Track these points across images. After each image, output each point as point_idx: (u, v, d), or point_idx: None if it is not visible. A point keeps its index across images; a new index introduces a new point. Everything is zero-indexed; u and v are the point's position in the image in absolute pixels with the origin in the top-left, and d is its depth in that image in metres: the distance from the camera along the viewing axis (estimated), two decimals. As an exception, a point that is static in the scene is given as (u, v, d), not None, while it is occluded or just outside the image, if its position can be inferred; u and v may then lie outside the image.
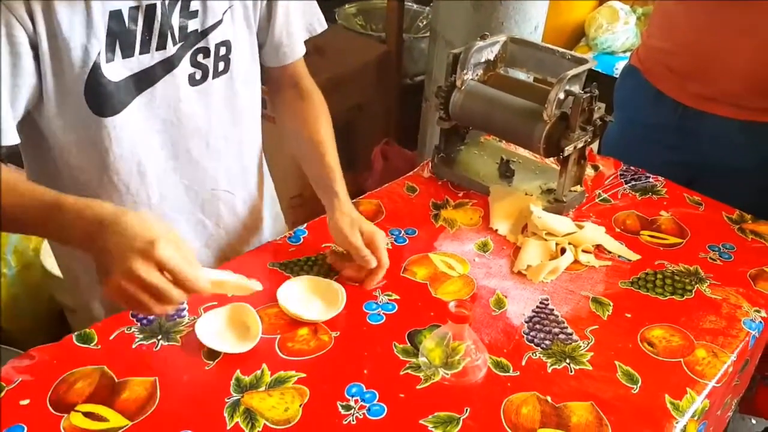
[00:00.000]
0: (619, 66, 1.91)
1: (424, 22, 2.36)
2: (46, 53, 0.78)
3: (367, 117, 2.22)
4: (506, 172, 1.20)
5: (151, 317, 0.87)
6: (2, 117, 0.77)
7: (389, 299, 0.92)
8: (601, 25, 1.96)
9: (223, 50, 0.92)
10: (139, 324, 0.86)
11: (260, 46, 1.00)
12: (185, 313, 0.88)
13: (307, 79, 1.09)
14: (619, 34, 1.95)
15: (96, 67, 0.81)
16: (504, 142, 1.32)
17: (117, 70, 0.83)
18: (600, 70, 1.93)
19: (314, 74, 1.11)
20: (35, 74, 0.78)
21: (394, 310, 0.91)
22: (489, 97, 1.15)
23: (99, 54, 0.80)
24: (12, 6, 0.74)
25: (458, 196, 1.18)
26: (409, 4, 2.39)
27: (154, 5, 0.83)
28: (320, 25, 1.08)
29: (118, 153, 0.88)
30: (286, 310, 0.88)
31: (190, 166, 0.96)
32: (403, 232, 1.07)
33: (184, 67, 0.89)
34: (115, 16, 0.80)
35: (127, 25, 0.82)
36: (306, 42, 1.07)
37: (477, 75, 1.19)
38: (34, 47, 0.77)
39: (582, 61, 1.12)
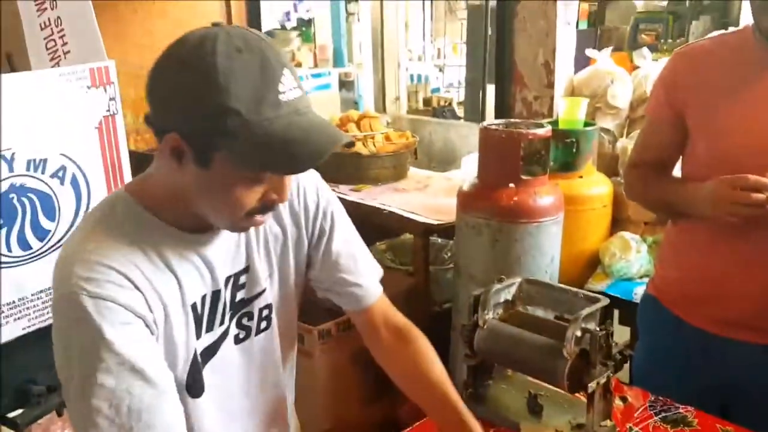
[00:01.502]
0: (638, 291, 1.99)
1: (449, 254, 2.53)
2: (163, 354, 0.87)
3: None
4: (535, 407, 1.23)
5: None
6: None
7: None
8: (614, 254, 2.09)
9: (265, 312, 1.01)
10: None
11: (335, 293, 1.10)
12: None
13: (396, 316, 1.14)
14: (633, 262, 2.07)
15: (195, 354, 0.91)
16: (530, 375, 1.35)
17: (199, 348, 0.92)
18: (619, 296, 2.02)
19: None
20: None
21: None
22: (510, 335, 1.22)
23: (194, 343, 0.91)
24: (144, 316, 0.83)
25: (490, 434, 1.19)
26: (434, 238, 2.58)
27: (219, 290, 0.94)
28: (379, 270, 1.16)
29: (202, 428, 0.94)
30: None
31: (239, 423, 1.02)
32: (436, 476, 1.07)
33: (232, 330, 0.98)
34: (193, 307, 0.90)
35: (200, 311, 0.92)
36: None
37: (498, 314, 1.27)
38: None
39: (595, 300, 1.20)
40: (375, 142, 2.57)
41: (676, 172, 1.55)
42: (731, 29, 1.46)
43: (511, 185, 1.90)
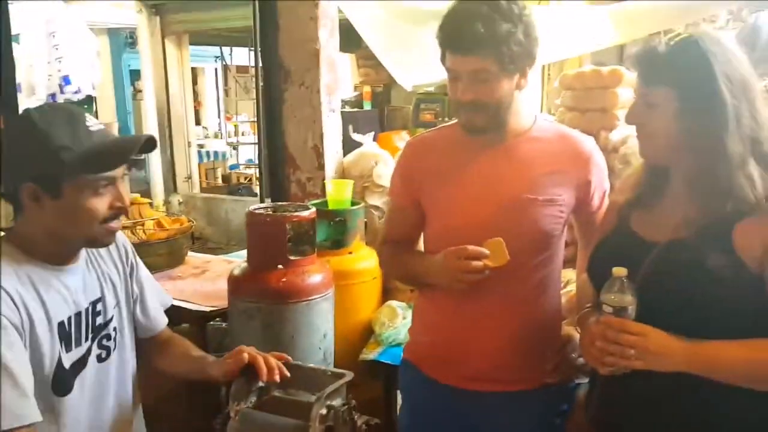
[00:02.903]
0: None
1: (228, 339, 2.50)
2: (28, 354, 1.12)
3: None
4: (290, 491, 1.25)
5: None
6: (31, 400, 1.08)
7: None
8: (384, 323, 2.24)
9: (114, 335, 1.31)
10: None
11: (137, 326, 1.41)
12: None
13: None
14: (400, 329, 2.24)
15: (59, 361, 1.17)
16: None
17: (66, 361, 1.19)
18: (390, 362, 2.15)
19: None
20: None
21: None
22: (263, 422, 1.24)
23: (59, 352, 1.17)
24: (13, 322, 1.10)
25: None
26: (218, 322, 2.54)
27: (80, 312, 1.23)
28: (169, 299, 1.53)
29: (78, 419, 1.21)
30: None
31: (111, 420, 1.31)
32: None
33: (94, 350, 1.26)
34: (61, 324, 1.18)
35: (67, 328, 1.19)
36: None
37: (251, 402, 1.29)
38: None
39: (339, 376, 1.28)
40: (145, 229, 2.50)
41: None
42: (451, 121, 1.67)
43: (280, 267, 1.96)
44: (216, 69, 10.84)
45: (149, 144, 1.24)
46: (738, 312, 1.18)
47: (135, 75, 8.21)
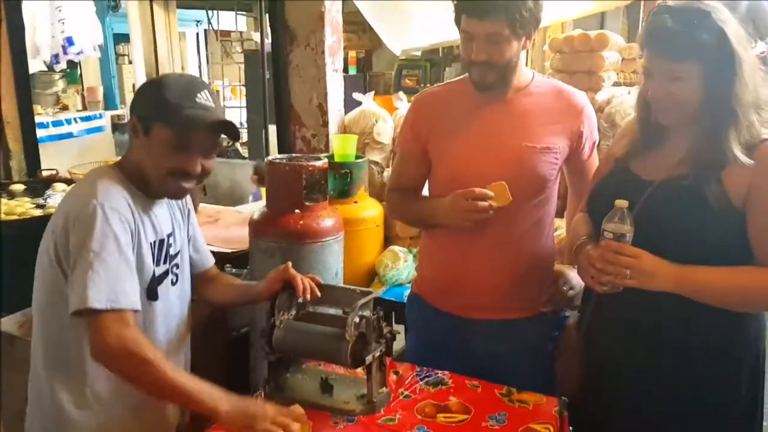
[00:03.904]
0: (408, 294, 2.35)
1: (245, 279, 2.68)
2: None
3: (199, 372, 2.37)
4: (326, 388, 1.46)
5: None
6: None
7: None
8: (387, 265, 2.45)
9: (182, 267, 1.55)
10: None
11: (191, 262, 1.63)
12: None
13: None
14: (402, 270, 2.45)
15: (153, 272, 1.41)
16: (323, 364, 1.59)
17: (156, 273, 1.43)
18: (394, 299, 2.36)
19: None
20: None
21: None
22: (303, 330, 1.45)
23: (153, 264, 1.42)
24: (131, 226, 1.35)
25: (291, 416, 1.39)
26: (228, 268, 2.72)
27: (163, 239, 1.46)
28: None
29: (158, 325, 1.44)
30: None
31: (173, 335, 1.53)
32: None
33: (170, 273, 1.49)
34: (152, 244, 1.42)
35: (155, 249, 1.43)
36: None
37: (292, 315, 1.50)
38: None
39: (368, 293, 1.49)
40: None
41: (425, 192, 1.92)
42: (461, 77, 1.84)
43: (297, 211, 2.15)
44: (197, 33, 10.78)
45: (231, 132, 1.43)
46: (724, 244, 1.33)
47: (117, 39, 8.18)
